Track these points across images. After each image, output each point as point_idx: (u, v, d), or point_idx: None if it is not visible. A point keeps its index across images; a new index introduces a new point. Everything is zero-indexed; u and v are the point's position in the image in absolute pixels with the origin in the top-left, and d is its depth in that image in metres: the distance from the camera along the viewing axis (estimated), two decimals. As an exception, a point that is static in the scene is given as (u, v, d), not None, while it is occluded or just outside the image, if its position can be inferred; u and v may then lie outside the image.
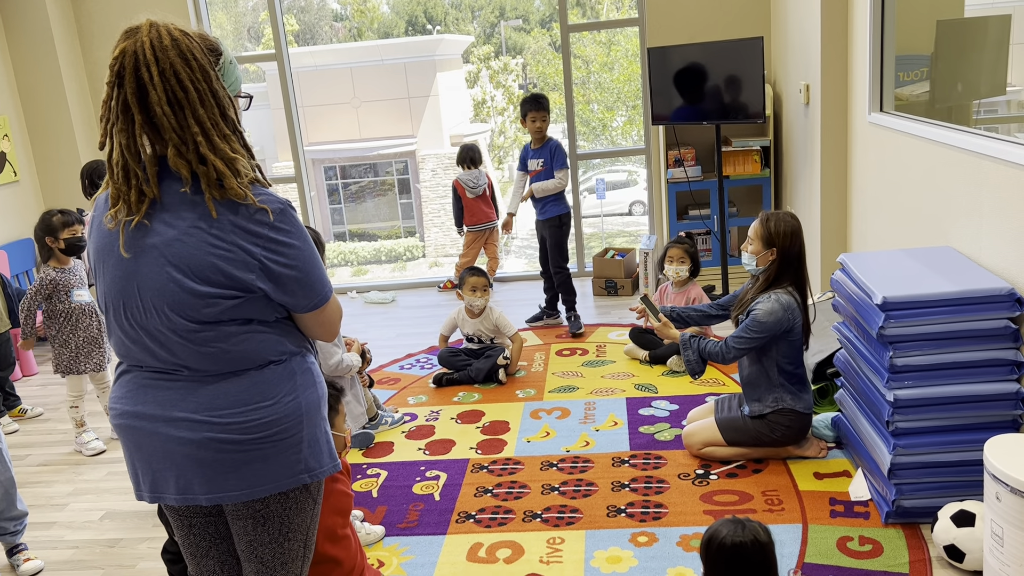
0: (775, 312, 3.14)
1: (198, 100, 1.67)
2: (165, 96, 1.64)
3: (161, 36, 1.65)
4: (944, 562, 2.60)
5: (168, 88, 1.64)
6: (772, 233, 3.22)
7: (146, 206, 1.68)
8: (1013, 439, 2.29)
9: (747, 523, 2.03)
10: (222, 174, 1.67)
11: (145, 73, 1.63)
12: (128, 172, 1.68)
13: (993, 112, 3.23)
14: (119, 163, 1.69)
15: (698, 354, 3.30)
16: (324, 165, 19.41)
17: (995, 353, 2.65)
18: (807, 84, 4.71)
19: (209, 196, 1.67)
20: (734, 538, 2.00)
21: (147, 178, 1.68)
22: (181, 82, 1.65)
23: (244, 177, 1.70)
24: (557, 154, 5.07)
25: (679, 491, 3.18)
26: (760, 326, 3.16)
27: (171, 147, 1.66)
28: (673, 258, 4.51)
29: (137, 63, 1.64)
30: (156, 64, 1.63)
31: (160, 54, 1.64)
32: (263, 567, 1.87)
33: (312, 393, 1.83)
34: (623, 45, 21.19)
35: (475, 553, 2.91)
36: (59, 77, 6.00)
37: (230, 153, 1.70)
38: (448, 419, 4.05)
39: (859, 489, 3.03)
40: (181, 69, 1.65)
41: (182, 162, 1.67)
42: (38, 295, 4.03)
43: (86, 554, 3.21)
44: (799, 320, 3.19)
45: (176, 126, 1.66)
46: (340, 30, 24.38)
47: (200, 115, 1.67)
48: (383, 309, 6.16)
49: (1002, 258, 2.79)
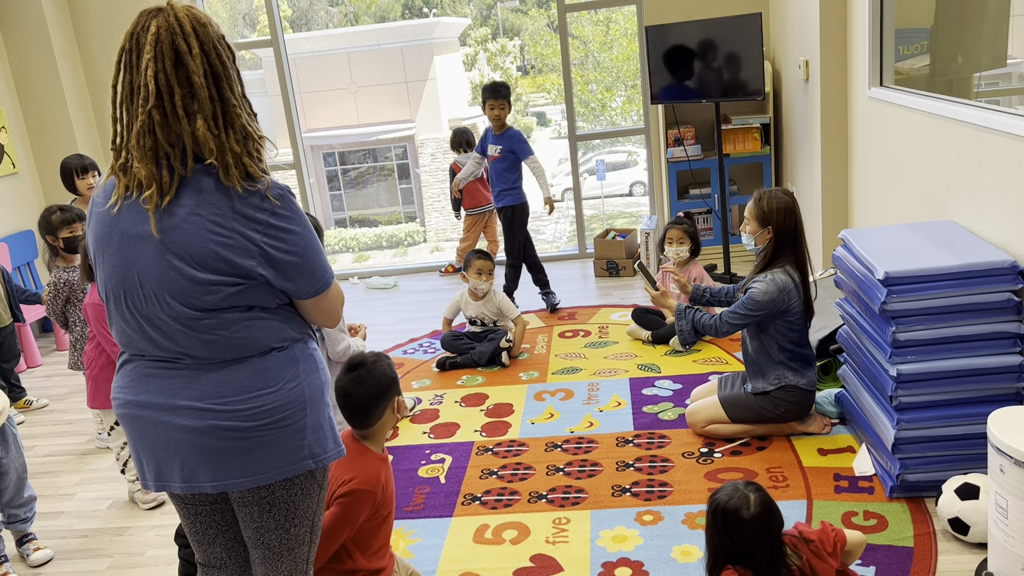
0: (770, 292, 3.15)
1: (233, 77, 1.72)
2: (203, 68, 1.66)
3: (196, 15, 1.69)
4: (949, 535, 2.61)
5: (206, 61, 1.67)
6: (766, 211, 3.22)
7: (176, 185, 1.68)
8: (1016, 411, 2.29)
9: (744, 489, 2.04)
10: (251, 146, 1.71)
11: (183, 45, 1.65)
12: (158, 152, 1.68)
13: (994, 85, 3.21)
14: (150, 146, 1.67)
15: (691, 324, 3.35)
16: (323, 152, 19.35)
17: (998, 326, 2.65)
18: (806, 60, 4.68)
19: (235, 174, 1.68)
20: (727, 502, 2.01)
21: (182, 157, 1.68)
22: (220, 57, 1.69)
23: (263, 159, 1.75)
24: (521, 144, 5.03)
25: (683, 469, 3.19)
26: (755, 304, 3.17)
27: (200, 119, 1.67)
28: (673, 239, 4.50)
29: (174, 36, 1.65)
30: (196, 37, 1.66)
31: (200, 29, 1.67)
32: (270, 553, 1.88)
33: (315, 379, 1.84)
34: (621, 24, 21.05)
35: (481, 535, 2.93)
36: (55, 68, 5.97)
37: (259, 131, 1.75)
38: (452, 402, 4.06)
39: (863, 464, 3.03)
40: (219, 45, 1.70)
41: (210, 135, 1.67)
42: (57, 300, 4.01)
43: (95, 543, 3.23)
44: (795, 300, 3.19)
45: (210, 98, 1.67)
46: (335, 15, 24.24)
47: (235, 90, 1.72)
48: (385, 294, 6.16)
49: (1004, 231, 2.78)
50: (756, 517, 1.99)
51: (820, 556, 2.10)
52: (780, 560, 2.02)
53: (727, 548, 2.03)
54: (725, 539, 2.02)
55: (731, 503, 2.01)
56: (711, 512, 2.06)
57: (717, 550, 2.05)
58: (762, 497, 2.03)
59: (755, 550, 1.99)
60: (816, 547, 2.11)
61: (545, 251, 6.15)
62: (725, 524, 2.01)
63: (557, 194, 19.60)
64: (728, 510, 2.01)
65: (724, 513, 2.02)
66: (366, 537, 2.32)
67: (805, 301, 3.24)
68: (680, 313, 3.39)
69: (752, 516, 1.99)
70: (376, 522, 2.32)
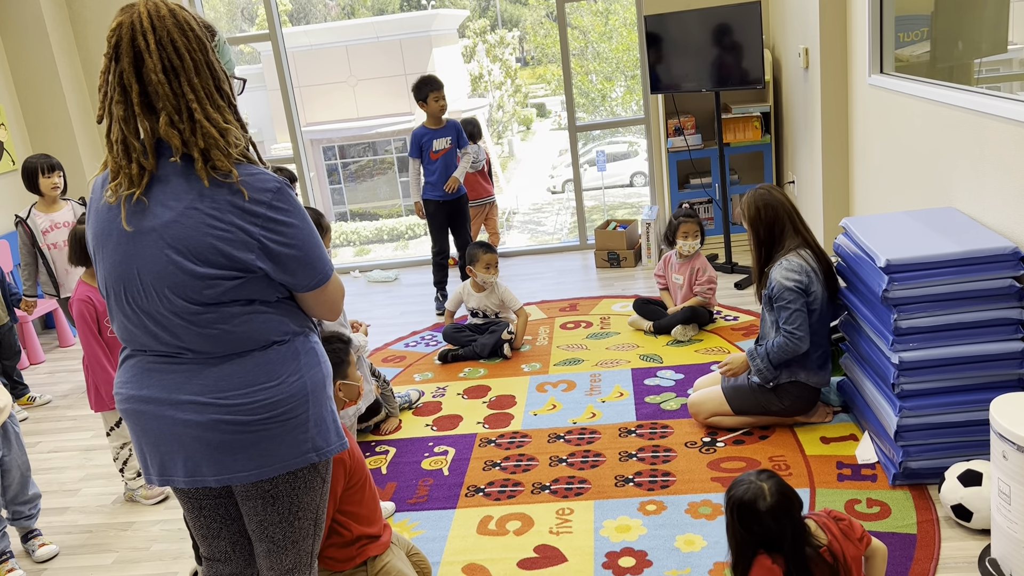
0: (790, 276, 3.11)
1: (193, 69, 1.68)
2: (160, 64, 1.65)
3: (159, 7, 1.67)
4: (952, 522, 2.61)
5: (164, 56, 1.65)
6: (743, 211, 3.28)
7: (146, 179, 1.69)
8: (1019, 398, 2.29)
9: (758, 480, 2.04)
10: (214, 141, 1.67)
11: (141, 41, 1.64)
12: (128, 146, 1.68)
13: (995, 71, 3.20)
14: (118, 138, 1.69)
15: (767, 360, 3.19)
16: (323, 145, 19.34)
17: (1000, 312, 2.65)
18: (806, 48, 4.66)
19: (202, 167, 1.66)
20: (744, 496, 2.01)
21: (145, 151, 1.68)
22: (177, 50, 1.67)
23: (235, 149, 1.70)
24: (461, 132, 5.30)
25: (686, 459, 3.20)
26: (789, 293, 3.09)
27: (163, 116, 1.66)
28: (688, 233, 4.41)
29: (134, 33, 1.65)
30: (153, 32, 1.65)
31: (157, 23, 1.66)
32: (274, 546, 1.89)
33: (317, 372, 1.84)
34: (621, 14, 20.99)
35: (485, 526, 2.93)
36: (53, 64, 5.96)
37: (222, 123, 1.70)
38: (455, 395, 4.07)
39: (866, 452, 3.04)
40: (178, 37, 1.67)
41: (174, 132, 1.67)
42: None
43: (100, 538, 3.24)
44: (815, 284, 3.12)
45: (170, 93, 1.66)
46: (334, 8, 24.18)
47: (195, 83, 1.68)
48: (386, 287, 6.16)
49: (1005, 217, 2.77)
50: (774, 506, 1.99)
51: (848, 536, 2.09)
52: (806, 541, 2.02)
53: (753, 541, 2.02)
54: (748, 533, 2.01)
55: (747, 496, 2.00)
56: (729, 510, 2.04)
57: (742, 545, 2.03)
58: (777, 484, 2.02)
59: (780, 537, 1.99)
60: (846, 526, 2.11)
61: (546, 243, 6.15)
62: (745, 519, 2.00)
63: (558, 185, 19.58)
64: (745, 503, 1.99)
65: (742, 507, 2.00)
66: (354, 506, 2.35)
67: (830, 288, 3.19)
68: (751, 354, 3.24)
69: (770, 506, 1.98)
70: (355, 488, 2.35)
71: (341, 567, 2.36)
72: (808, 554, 2.00)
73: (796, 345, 3.11)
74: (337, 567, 2.36)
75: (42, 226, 4.57)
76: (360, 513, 2.37)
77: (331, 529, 2.30)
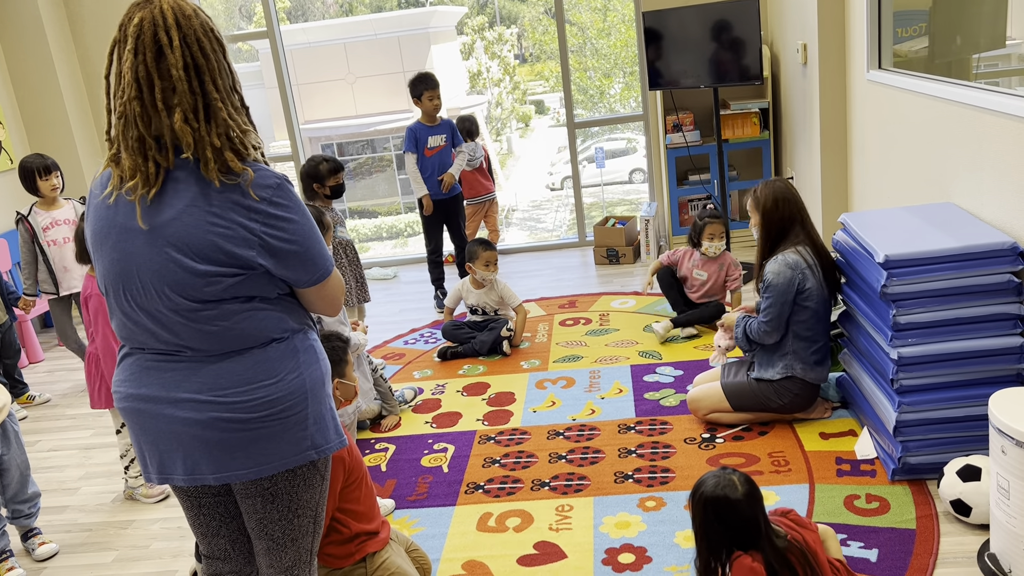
0: (782, 272, 3.13)
1: (217, 69, 1.69)
2: (183, 60, 1.65)
3: (182, 6, 1.67)
4: (951, 517, 2.61)
5: (188, 53, 1.66)
6: (759, 201, 3.26)
7: (162, 178, 1.68)
8: (1017, 393, 2.29)
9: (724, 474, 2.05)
10: (230, 142, 1.68)
11: (164, 36, 1.64)
12: (144, 144, 1.68)
13: (993, 66, 3.19)
14: (135, 136, 1.68)
15: (743, 333, 3.28)
16: (321, 143, 19.31)
17: (998, 308, 2.65)
18: (804, 43, 4.66)
19: (213, 168, 1.66)
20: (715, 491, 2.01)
21: (160, 148, 1.68)
22: (203, 49, 1.67)
23: (251, 152, 1.72)
24: (456, 131, 5.36)
25: (685, 455, 3.20)
26: (772, 289, 3.14)
27: (178, 112, 1.66)
28: (714, 235, 4.34)
29: (156, 28, 1.64)
30: (178, 29, 1.65)
31: (183, 21, 1.66)
32: (274, 544, 1.89)
33: (316, 370, 1.84)
34: (619, 10, 20.96)
35: (485, 523, 2.94)
36: (51, 63, 5.95)
37: (243, 125, 1.72)
38: (454, 392, 4.07)
39: (865, 447, 3.04)
40: (203, 37, 1.68)
41: (187, 129, 1.66)
42: None
43: (100, 536, 3.24)
44: (811, 281, 3.14)
45: (188, 91, 1.66)
46: (331, 5, 24.14)
47: (219, 84, 1.70)
48: (385, 285, 6.16)
49: (1004, 212, 2.77)
50: (748, 494, 2.00)
51: (802, 524, 2.12)
52: (776, 535, 2.03)
53: (728, 538, 2.02)
54: (725, 528, 2.01)
55: (719, 490, 2.01)
56: (701, 507, 2.03)
57: (713, 544, 2.03)
58: (742, 475, 2.05)
59: (756, 528, 1.99)
60: (795, 516, 2.15)
61: (545, 239, 6.15)
62: (722, 511, 2.00)
63: (557, 182, 19.57)
64: (718, 498, 2.00)
65: (716, 501, 2.00)
66: (352, 504, 2.36)
67: (830, 283, 3.20)
68: (739, 321, 3.33)
69: (744, 494, 2.00)
70: (354, 486, 2.36)
71: (340, 564, 2.36)
72: (781, 546, 2.02)
73: (763, 337, 3.21)
74: (336, 564, 2.36)
75: (43, 223, 4.57)
76: (358, 510, 2.38)
77: (329, 527, 2.31)
